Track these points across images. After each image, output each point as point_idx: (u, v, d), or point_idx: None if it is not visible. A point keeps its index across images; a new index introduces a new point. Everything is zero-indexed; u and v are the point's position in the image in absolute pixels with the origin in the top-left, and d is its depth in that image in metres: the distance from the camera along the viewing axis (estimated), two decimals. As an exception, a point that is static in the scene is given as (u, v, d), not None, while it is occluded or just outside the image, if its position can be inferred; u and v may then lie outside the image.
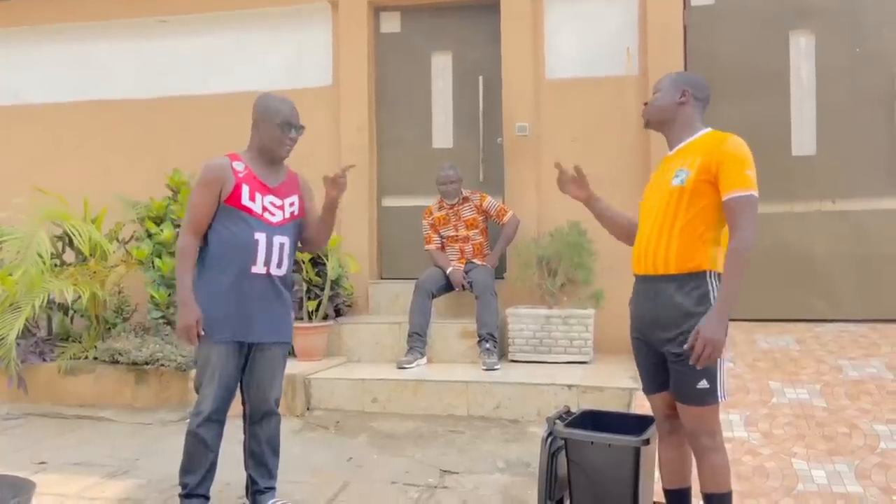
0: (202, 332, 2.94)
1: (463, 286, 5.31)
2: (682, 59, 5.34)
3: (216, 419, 3.03)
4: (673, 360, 2.59)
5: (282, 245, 3.05)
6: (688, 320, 2.53)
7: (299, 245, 3.27)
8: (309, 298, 5.28)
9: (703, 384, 2.54)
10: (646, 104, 2.78)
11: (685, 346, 2.47)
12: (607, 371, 4.82)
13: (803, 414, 3.93)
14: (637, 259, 2.70)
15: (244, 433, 3.20)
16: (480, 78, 5.82)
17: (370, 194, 5.97)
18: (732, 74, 5.33)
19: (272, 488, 3.21)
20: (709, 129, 2.68)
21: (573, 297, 5.31)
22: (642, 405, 4.23)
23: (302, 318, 5.26)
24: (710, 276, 2.56)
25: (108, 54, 6.48)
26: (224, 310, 2.97)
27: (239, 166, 3.02)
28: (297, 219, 3.15)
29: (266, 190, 3.04)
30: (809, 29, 5.26)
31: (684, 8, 5.40)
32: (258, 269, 2.99)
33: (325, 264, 5.27)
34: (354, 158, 5.91)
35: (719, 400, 2.57)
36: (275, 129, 3.03)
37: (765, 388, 4.23)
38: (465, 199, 5.47)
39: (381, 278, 6.06)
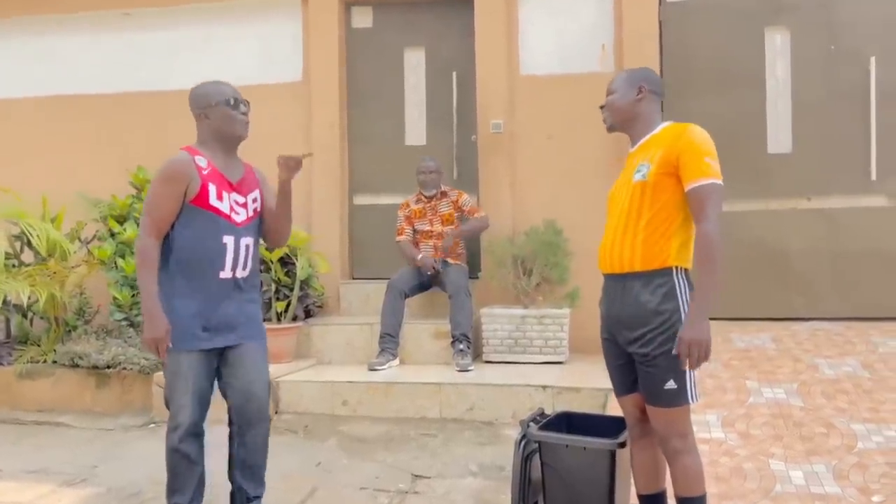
0: (171, 344, 2.74)
1: (435, 269, 5.16)
2: (658, 55, 5.28)
3: (196, 431, 2.83)
4: (640, 361, 2.51)
5: (247, 247, 2.89)
6: (654, 319, 2.46)
7: (262, 243, 3.12)
8: (278, 299, 5.14)
9: (671, 385, 2.46)
10: (602, 107, 2.70)
11: (674, 352, 2.39)
12: (583, 371, 4.73)
13: (780, 414, 3.88)
14: (603, 257, 2.63)
15: (230, 441, 2.97)
16: (454, 74, 5.72)
17: (341, 192, 5.84)
18: (708, 71, 5.28)
19: (259, 497, 3.01)
20: (669, 123, 2.61)
21: (548, 296, 5.23)
22: (619, 406, 4.16)
23: (270, 320, 5.12)
24: (677, 273, 2.49)
25: (70, 48, 6.28)
26: (192, 318, 2.78)
27: (202, 162, 2.81)
28: (258, 216, 2.99)
29: (230, 187, 2.86)
30: (785, 25, 5.23)
31: (660, 4, 5.35)
32: (225, 273, 2.83)
33: (294, 264, 5.13)
34: (325, 156, 5.79)
35: (689, 401, 2.49)
36: (225, 108, 2.81)
37: (741, 388, 4.17)
38: (444, 194, 5.38)
39: (353, 278, 5.93)
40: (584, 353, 5.17)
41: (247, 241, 2.89)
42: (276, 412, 4.61)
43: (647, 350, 2.46)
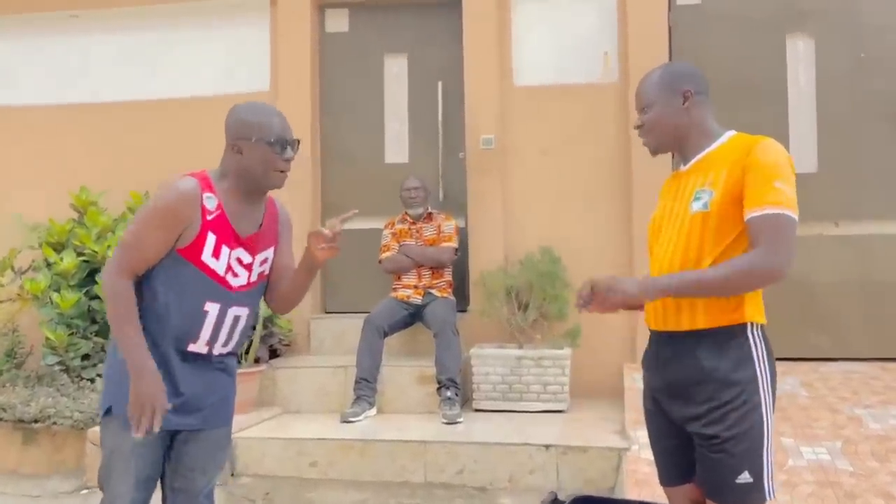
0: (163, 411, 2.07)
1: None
2: (667, 63, 4.74)
3: None
4: (703, 444, 1.93)
5: (236, 319, 2.21)
6: (724, 391, 1.90)
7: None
8: (238, 338, 4.48)
9: (745, 477, 1.90)
10: (639, 127, 2.09)
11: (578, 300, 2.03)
12: (588, 423, 4.12)
13: (828, 480, 3.29)
14: (652, 310, 2.03)
15: None
16: (440, 84, 5.14)
17: (313, 216, 5.21)
18: (723, 82, 4.68)
19: None
20: (733, 133, 2.04)
21: (547, 334, 4.63)
22: (634, 469, 3.57)
23: (229, 363, 4.46)
24: (753, 331, 1.95)
25: (5, 55, 5.61)
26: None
27: (210, 203, 2.13)
28: (263, 281, 2.30)
29: (236, 242, 2.17)
30: (808, 32, 4.72)
31: (669, 8, 4.83)
32: (198, 347, 2.16)
33: (257, 298, 4.48)
34: (296, 174, 5.05)
35: (767, 497, 1.92)
36: (267, 150, 2.15)
37: (778, 447, 3.58)
38: (430, 217, 4.83)
39: (326, 312, 5.29)
40: (587, 398, 4.62)
41: (238, 311, 2.20)
42: (231, 475, 3.94)
43: (714, 431, 1.89)
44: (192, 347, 2.14)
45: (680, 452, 2.04)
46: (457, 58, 5.10)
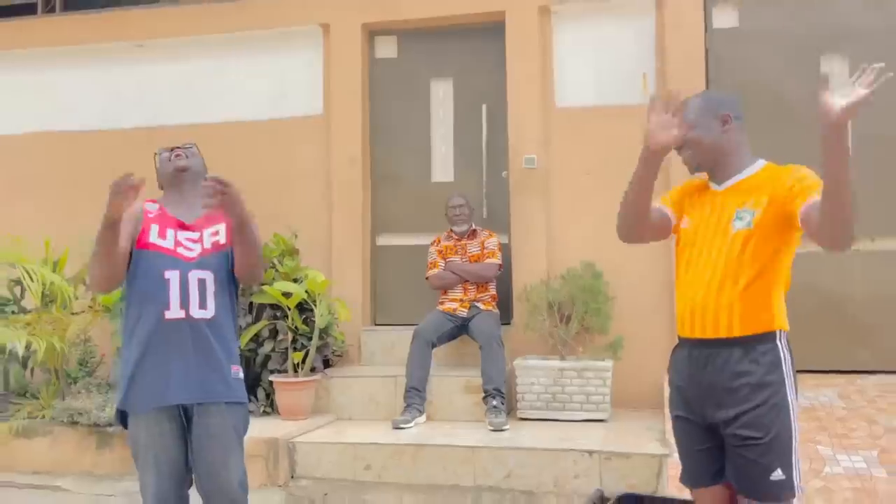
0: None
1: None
2: (704, 86, 4.91)
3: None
4: (738, 445, 2.11)
5: (201, 281, 2.52)
6: (757, 394, 2.09)
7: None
8: (295, 349, 4.74)
9: (778, 475, 2.09)
10: (680, 149, 2.29)
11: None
12: (630, 431, 4.28)
13: (863, 487, 3.42)
14: (689, 319, 2.22)
15: None
16: (484, 106, 5.37)
17: (364, 233, 5.47)
18: (760, 104, 4.85)
19: None
20: (764, 162, 2.26)
21: (589, 346, 4.80)
22: (675, 474, 3.70)
23: (286, 372, 4.73)
24: (781, 338, 2.15)
25: (72, 83, 5.97)
26: (141, 370, 2.47)
27: (151, 207, 2.65)
28: (223, 249, 2.62)
29: (182, 226, 2.61)
30: (844, 53, 4.83)
31: (706, 31, 4.99)
32: (173, 313, 2.47)
33: (312, 311, 4.74)
34: (346, 194, 5.44)
35: (797, 493, 2.10)
36: (161, 155, 2.74)
37: (814, 455, 3.71)
38: (475, 234, 5.04)
39: (376, 324, 5.52)
40: (628, 409, 4.79)
41: (200, 275, 2.53)
42: (292, 477, 4.18)
43: (749, 432, 2.07)
44: (168, 315, 2.46)
45: (712, 456, 2.21)
46: (500, 81, 5.32)
